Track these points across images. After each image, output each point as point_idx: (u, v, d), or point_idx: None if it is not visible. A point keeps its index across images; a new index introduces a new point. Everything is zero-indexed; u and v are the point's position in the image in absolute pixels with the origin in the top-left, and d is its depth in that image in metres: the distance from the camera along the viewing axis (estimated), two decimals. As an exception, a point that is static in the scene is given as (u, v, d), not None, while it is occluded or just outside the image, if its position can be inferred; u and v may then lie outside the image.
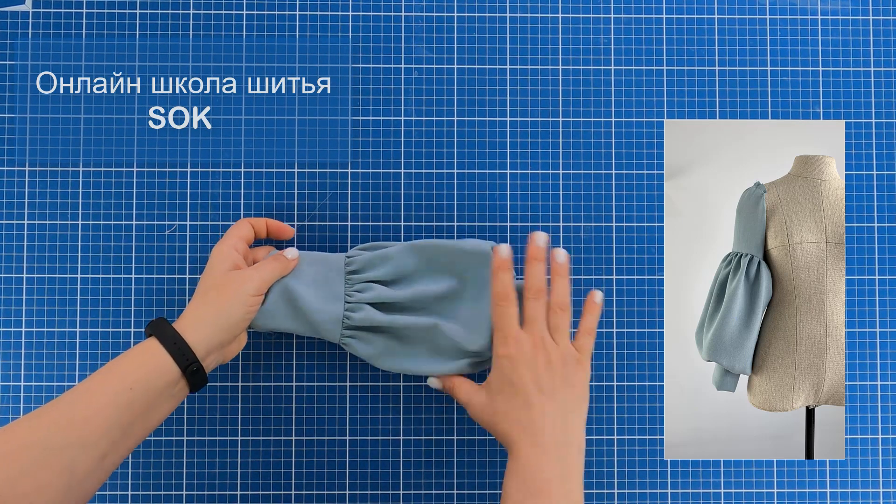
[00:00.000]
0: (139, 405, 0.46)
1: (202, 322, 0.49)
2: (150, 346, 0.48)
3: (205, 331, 0.49)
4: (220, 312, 0.50)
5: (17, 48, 0.61)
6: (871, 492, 0.61)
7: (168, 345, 0.48)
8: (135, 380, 0.46)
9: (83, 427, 0.44)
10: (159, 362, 0.47)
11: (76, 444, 0.43)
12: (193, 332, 0.49)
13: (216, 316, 0.50)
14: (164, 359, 0.47)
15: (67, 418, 0.44)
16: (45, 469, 0.42)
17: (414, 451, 0.60)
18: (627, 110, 0.62)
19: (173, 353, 0.48)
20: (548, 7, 0.63)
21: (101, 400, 0.45)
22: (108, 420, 0.44)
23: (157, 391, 0.47)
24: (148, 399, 0.46)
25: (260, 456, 0.60)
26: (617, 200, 0.62)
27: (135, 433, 0.46)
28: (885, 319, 0.62)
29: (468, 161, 0.62)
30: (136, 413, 0.46)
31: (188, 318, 0.50)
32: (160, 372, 0.47)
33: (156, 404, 0.47)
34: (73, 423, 0.43)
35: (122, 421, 0.45)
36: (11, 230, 0.60)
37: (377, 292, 0.54)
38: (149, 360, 0.47)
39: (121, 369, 0.47)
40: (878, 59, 0.63)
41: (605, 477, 0.61)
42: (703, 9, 0.63)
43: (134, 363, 0.47)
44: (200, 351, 0.49)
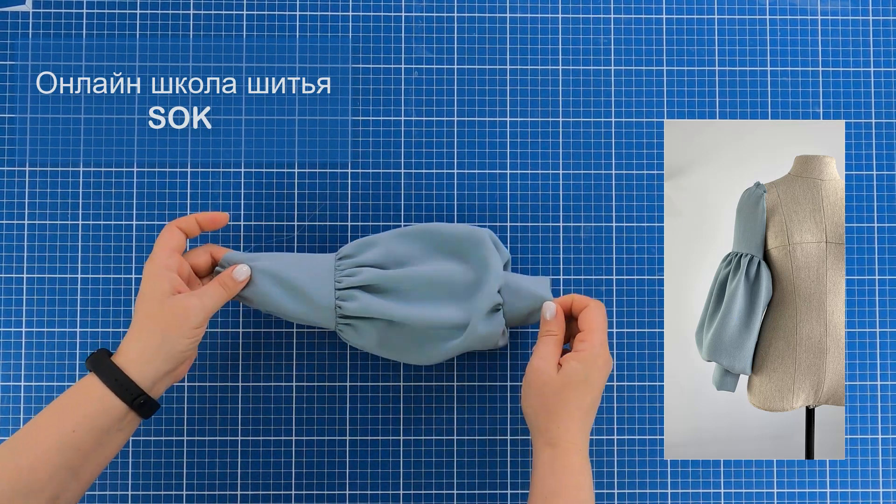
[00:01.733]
0: (87, 445, 0.44)
1: (144, 354, 0.47)
2: (90, 383, 0.46)
3: (149, 364, 0.46)
4: (162, 344, 0.47)
5: (17, 48, 0.61)
6: (871, 492, 0.61)
7: (109, 381, 0.45)
8: (76, 422, 0.44)
9: (29, 475, 0.43)
10: (102, 400, 0.45)
11: (23, 491, 0.42)
12: (136, 366, 0.46)
13: (159, 347, 0.47)
14: (106, 396, 0.45)
15: (12, 466, 0.43)
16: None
17: (414, 451, 0.60)
18: (627, 110, 0.62)
19: (115, 390, 0.45)
20: (548, 7, 0.63)
21: (44, 445, 0.43)
22: (54, 465, 0.43)
23: (104, 429, 0.45)
24: (95, 437, 0.45)
25: (260, 456, 0.60)
26: (617, 200, 0.62)
27: (85, 472, 0.45)
28: (885, 319, 0.62)
29: (468, 161, 0.62)
30: (85, 452, 0.44)
31: (129, 351, 0.47)
32: (103, 410, 0.45)
33: (104, 441, 0.45)
34: (19, 472, 0.42)
35: (69, 463, 0.44)
36: (11, 230, 0.60)
37: (367, 275, 0.53)
38: (90, 399, 0.45)
39: (63, 411, 0.45)
40: (878, 59, 0.63)
41: (605, 477, 0.61)
42: (703, 9, 0.63)
43: (74, 403, 0.45)
44: (146, 383, 0.46)
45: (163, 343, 0.47)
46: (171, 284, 0.48)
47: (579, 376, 0.49)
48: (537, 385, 0.49)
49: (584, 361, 0.49)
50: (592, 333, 0.50)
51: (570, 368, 0.49)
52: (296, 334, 0.60)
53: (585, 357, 0.49)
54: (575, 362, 0.49)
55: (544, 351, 0.51)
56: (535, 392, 0.50)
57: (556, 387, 0.49)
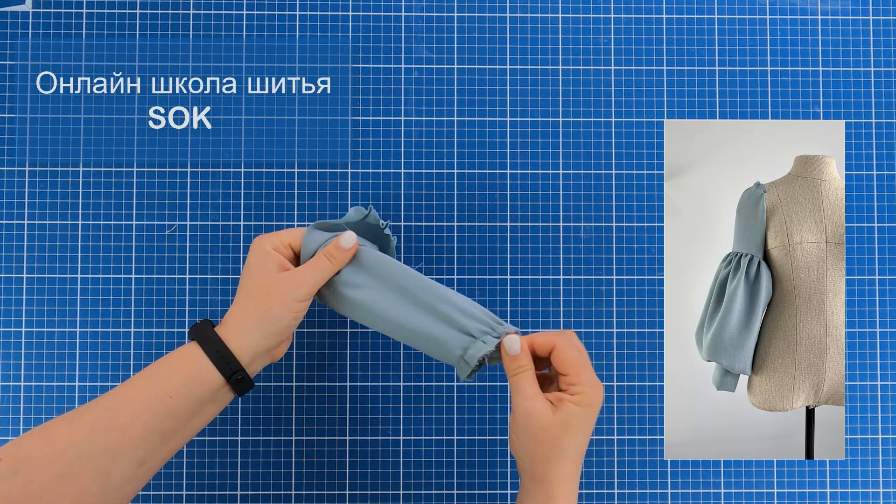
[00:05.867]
0: (181, 413, 0.44)
1: (247, 328, 0.46)
2: (193, 352, 0.45)
3: (250, 338, 0.46)
4: (266, 319, 0.46)
5: (17, 48, 0.61)
6: (871, 492, 0.61)
7: (211, 353, 0.45)
8: (176, 388, 0.44)
9: (122, 434, 0.42)
10: (202, 370, 0.45)
11: (113, 450, 0.42)
12: (238, 339, 0.46)
13: (262, 322, 0.46)
14: (206, 367, 0.45)
15: (106, 424, 0.42)
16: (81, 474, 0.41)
17: (414, 451, 0.60)
18: (627, 110, 0.62)
19: (216, 362, 0.45)
20: (548, 7, 0.63)
21: (140, 407, 0.43)
22: (147, 428, 0.43)
23: (199, 399, 0.45)
24: (190, 407, 0.44)
25: (260, 456, 0.60)
26: (617, 200, 0.62)
27: (175, 439, 0.45)
28: (885, 319, 0.62)
29: (468, 161, 0.62)
30: (178, 420, 0.44)
31: (233, 324, 0.46)
32: (202, 380, 0.45)
33: (198, 411, 0.45)
34: (112, 430, 0.42)
35: (162, 428, 0.43)
36: (11, 230, 0.60)
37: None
38: (191, 367, 0.45)
39: (162, 375, 0.45)
40: (878, 59, 0.63)
41: (605, 477, 0.61)
42: (703, 9, 0.63)
43: (175, 370, 0.45)
44: (245, 358, 0.46)
45: (266, 317, 0.46)
46: (279, 262, 0.48)
47: (578, 420, 0.45)
48: (534, 430, 0.45)
49: (583, 405, 0.45)
50: (580, 374, 0.46)
51: (570, 412, 0.45)
52: (296, 334, 0.60)
53: (584, 401, 0.45)
54: (574, 406, 0.45)
55: (530, 391, 0.46)
56: (530, 437, 0.45)
57: (554, 432, 0.45)
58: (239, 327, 0.46)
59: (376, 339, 0.61)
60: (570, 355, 0.46)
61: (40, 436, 0.42)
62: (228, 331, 0.46)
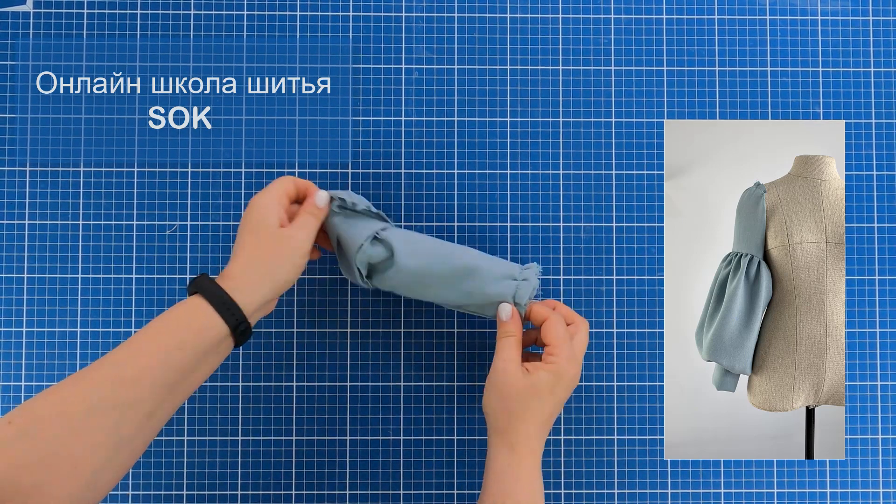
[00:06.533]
0: (187, 364, 0.45)
1: (251, 282, 0.48)
2: (197, 304, 0.47)
3: (255, 292, 0.48)
4: (270, 273, 0.49)
5: (18, 48, 0.61)
6: (871, 492, 0.61)
7: (216, 304, 0.47)
8: (183, 339, 0.45)
9: (131, 387, 0.43)
10: (208, 321, 0.46)
11: (123, 404, 0.43)
12: (242, 293, 0.48)
13: (266, 277, 0.49)
14: (212, 318, 0.46)
15: (114, 378, 0.43)
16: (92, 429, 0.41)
17: (414, 451, 0.60)
18: (627, 110, 0.62)
19: (222, 313, 0.47)
20: (548, 7, 0.63)
21: (148, 360, 0.44)
22: (156, 380, 0.44)
23: (205, 350, 0.46)
24: (196, 357, 0.46)
25: (260, 456, 0.60)
26: (617, 200, 0.62)
27: (181, 391, 0.46)
28: (885, 319, 0.62)
29: (468, 161, 0.62)
30: (184, 372, 0.45)
31: (236, 277, 0.48)
32: (208, 331, 0.46)
33: (202, 362, 0.47)
34: (121, 383, 0.43)
35: (169, 380, 0.45)
36: (12, 230, 0.60)
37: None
38: (197, 319, 0.46)
39: (168, 328, 0.46)
40: (878, 59, 0.63)
41: (605, 477, 0.61)
42: (703, 9, 0.63)
43: (181, 322, 0.46)
44: (249, 310, 0.48)
45: (270, 272, 0.49)
46: (279, 218, 0.50)
47: (546, 386, 0.50)
48: (501, 386, 0.50)
49: (553, 374, 0.50)
50: (560, 348, 0.51)
51: (539, 378, 0.50)
52: (296, 334, 0.61)
53: (555, 370, 0.50)
54: (545, 373, 0.50)
55: (507, 353, 0.51)
56: (499, 394, 0.50)
57: (520, 390, 0.50)
58: (242, 281, 0.48)
59: (376, 339, 0.61)
60: (555, 330, 0.51)
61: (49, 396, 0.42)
62: (231, 283, 0.48)
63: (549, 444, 0.61)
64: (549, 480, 0.60)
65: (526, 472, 0.49)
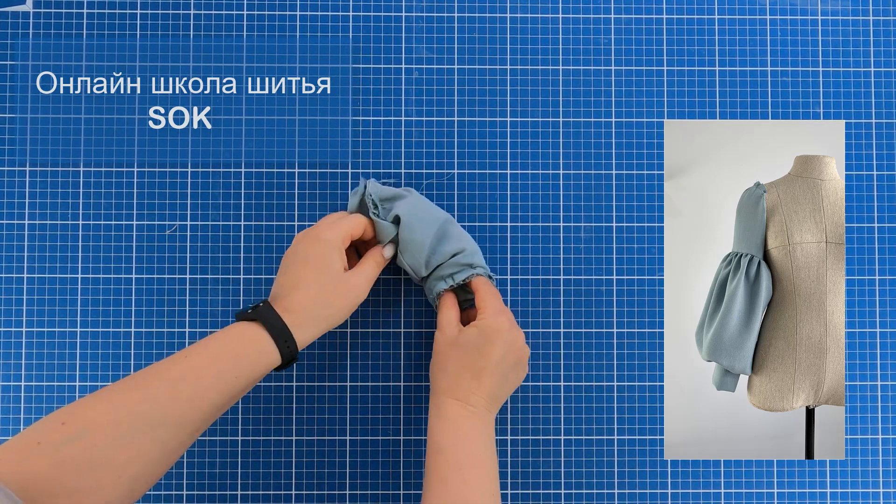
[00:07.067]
0: (239, 389, 0.47)
1: (310, 321, 0.50)
2: (259, 335, 0.48)
3: (312, 329, 0.50)
4: (328, 318, 0.51)
5: (18, 48, 0.61)
6: (871, 492, 0.61)
7: (276, 337, 0.48)
8: (242, 368, 0.47)
9: (186, 406, 0.44)
10: (268, 355, 0.48)
11: (174, 422, 0.43)
12: (301, 330, 0.49)
13: (323, 319, 0.51)
14: (270, 349, 0.48)
15: (171, 395, 0.44)
16: (141, 440, 0.42)
17: (414, 451, 0.60)
18: (627, 110, 0.62)
19: (280, 346, 0.48)
20: (548, 7, 0.63)
21: (206, 382, 0.45)
22: (211, 402, 0.45)
23: (256, 377, 0.48)
24: (248, 383, 0.47)
25: (260, 456, 0.60)
26: (617, 200, 0.62)
27: (221, 412, 0.47)
28: (885, 319, 0.62)
29: (468, 161, 0.62)
30: (234, 396, 0.47)
31: (297, 312, 0.50)
32: (264, 359, 0.48)
33: (250, 386, 0.48)
34: (177, 402, 0.44)
35: (220, 402, 0.46)
36: (11, 230, 0.60)
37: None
38: (258, 352, 0.48)
39: (228, 354, 0.47)
40: (878, 59, 0.63)
41: (605, 477, 0.61)
42: (703, 9, 0.63)
43: (243, 352, 0.47)
44: (302, 345, 0.50)
45: (329, 316, 0.51)
46: (343, 262, 0.52)
47: (471, 342, 0.53)
48: (437, 346, 0.54)
49: (479, 328, 0.53)
50: (486, 306, 0.54)
51: (467, 334, 0.53)
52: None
53: (481, 325, 0.53)
54: (473, 329, 0.53)
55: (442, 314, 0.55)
56: (434, 352, 0.55)
57: (449, 347, 0.53)
58: (303, 318, 0.50)
59: (376, 339, 0.61)
60: (482, 290, 0.55)
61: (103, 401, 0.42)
62: (292, 319, 0.49)
63: (550, 443, 0.61)
64: (549, 480, 0.60)
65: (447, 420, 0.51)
